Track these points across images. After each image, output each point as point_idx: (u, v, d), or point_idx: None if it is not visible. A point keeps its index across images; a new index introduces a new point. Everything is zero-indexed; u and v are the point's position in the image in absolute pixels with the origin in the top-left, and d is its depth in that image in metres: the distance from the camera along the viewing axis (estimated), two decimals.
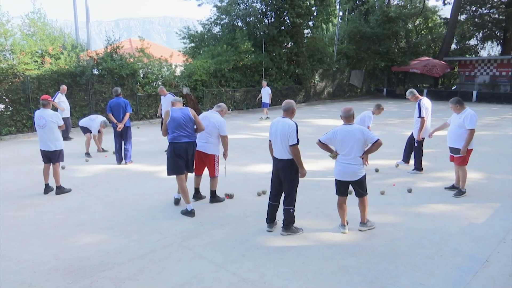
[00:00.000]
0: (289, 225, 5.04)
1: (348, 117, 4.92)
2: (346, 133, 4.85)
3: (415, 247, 4.68)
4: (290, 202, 4.97)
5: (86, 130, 9.94)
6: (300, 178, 5.00)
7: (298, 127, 4.83)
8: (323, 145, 5.06)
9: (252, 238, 4.95)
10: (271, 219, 5.19)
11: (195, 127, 5.82)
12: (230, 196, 6.48)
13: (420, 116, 7.68)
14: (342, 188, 5.06)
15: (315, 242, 4.85)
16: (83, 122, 10.04)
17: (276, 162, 4.99)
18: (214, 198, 6.30)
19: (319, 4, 22.11)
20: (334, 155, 5.04)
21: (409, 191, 6.73)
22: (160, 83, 16.95)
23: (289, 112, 4.99)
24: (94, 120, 9.92)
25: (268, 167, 8.02)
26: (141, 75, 16.48)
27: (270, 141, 5.14)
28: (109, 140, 11.71)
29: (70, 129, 12.46)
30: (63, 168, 8.28)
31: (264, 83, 17.23)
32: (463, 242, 4.80)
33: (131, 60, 15.69)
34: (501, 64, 26.07)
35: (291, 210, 4.97)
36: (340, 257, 4.45)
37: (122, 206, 6.17)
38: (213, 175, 6.20)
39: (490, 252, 4.53)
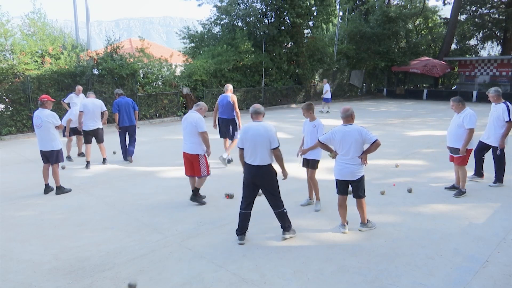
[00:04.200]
0: (290, 226, 4.94)
1: (347, 117, 4.91)
2: (344, 134, 4.85)
3: (415, 247, 4.68)
4: (280, 205, 4.85)
5: (71, 132, 9.34)
6: (283, 180, 4.94)
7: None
8: (323, 145, 5.06)
9: (252, 238, 4.95)
10: (242, 230, 4.88)
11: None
12: (230, 196, 6.48)
13: (510, 119, 6.67)
14: (341, 187, 5.07)
15: (316, 242, 4.85)
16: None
17: (253, 169, 4.73)
18: (195, 196, 6.21)
19: (319, 4, 22.09)
20: (333, 154, 5.04)
21: (409, 191, 6.73)
22: (160, 83, 16.97)
23: (261, 115, 4.83)
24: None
25: None
26: (141, 75, 16.48)
27: (241, 149, 4.85)
28: (111, 140, 11.71)
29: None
30: (63, 168, 8.29)
31: (325, 80, 19.52)
32: (463, 242, 4.80)
33: (131, 60, 15.69)
34: (501, 64, 26.06)
35: (285, 211, 4.87)
36: (341, 257, 4.46)
37: (122, 206, 6.17)
38: (198, 175, 6.12)
39: (490, 252, 4.53)
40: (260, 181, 4.78)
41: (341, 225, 5.17)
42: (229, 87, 8.92)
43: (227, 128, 8.77)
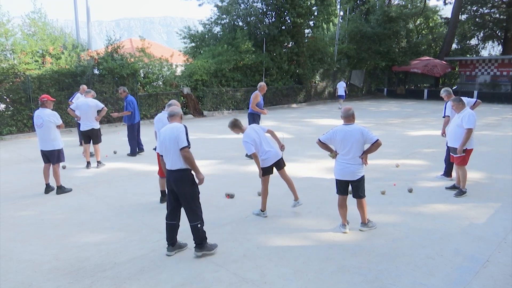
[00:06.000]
0: (202, 243, 4.49)
1: (348, 117, 4.91)
2: (345, 133, 4.85)
3: (416, 247, 4.67)
4: (195, 217, 4.43)
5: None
6: (199, 185, 4.50)
7: (187, 130, 4.43)
8: (323, 145, 5.03)
9: (253, 238, 4.95)
10: (171, 242, 4.57)
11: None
12: (230, 196, 6.48)
13: (444, 115, 7.48)
14: (342, 187, 5.07)
15: (316, 242, 4.85)
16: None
17: (169, 174, 4.42)
18: (164, 197, 6.23)
19: (319, 4, 22.10)
20: (333, 154, 5.04)
21: (410, 191, 6.72)
22: (160, 83, 16.99)
23: (176, 117, 4.59)
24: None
25: None
26: (142, 75, 16.49)
27: (160, 156, 4.59)
28: (111, 140, 11.73)
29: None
30: (63, 168, 8.30)
31: (342, 79, 22.38)
32: (463, 242, 4.79)
33: (132, 60, 15.70)
34: (502, 64, 26.02)
35: (199, 226, 4.43)
36: (341, 257, 4.45)
37: (122, 206, 6.17)
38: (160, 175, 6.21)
39: (491, 252, 4.53)
40: (175, 187, 4.38)
41: (342, 225, 5.16)
42: (260, 85, 9.59)
43: (252, 122, 9.48)
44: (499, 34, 32.22)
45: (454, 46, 31.73)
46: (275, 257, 4.46)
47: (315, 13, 22.74)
